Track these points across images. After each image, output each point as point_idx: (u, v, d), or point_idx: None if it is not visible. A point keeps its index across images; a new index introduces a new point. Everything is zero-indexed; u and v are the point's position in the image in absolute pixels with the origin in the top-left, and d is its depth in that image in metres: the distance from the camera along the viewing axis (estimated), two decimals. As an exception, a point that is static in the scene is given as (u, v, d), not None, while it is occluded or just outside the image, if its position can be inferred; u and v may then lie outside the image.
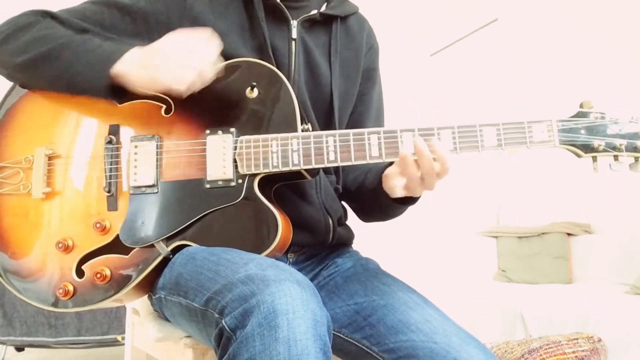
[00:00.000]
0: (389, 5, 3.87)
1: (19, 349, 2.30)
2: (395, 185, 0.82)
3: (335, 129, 0.96)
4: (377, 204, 0.94)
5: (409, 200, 0.89)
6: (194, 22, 0.89)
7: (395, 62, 4.33)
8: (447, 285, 2.72)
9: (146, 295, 0.92)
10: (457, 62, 4.20)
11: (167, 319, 0.89)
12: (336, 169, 1.01)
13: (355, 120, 1.04)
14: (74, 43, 0.84)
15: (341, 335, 0.86)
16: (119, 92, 0.85)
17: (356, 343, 0.83)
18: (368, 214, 1.03)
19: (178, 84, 0.80)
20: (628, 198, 2.70)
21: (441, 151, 0.76)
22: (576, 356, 1.72)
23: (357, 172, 1.01)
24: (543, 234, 2.87)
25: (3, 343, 2.06)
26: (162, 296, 0.82)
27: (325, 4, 0.99)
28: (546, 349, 1.74)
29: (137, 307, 1.05)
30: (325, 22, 0.98)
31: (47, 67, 0.84)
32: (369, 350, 0.82)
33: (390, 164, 0.87)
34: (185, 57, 0.80)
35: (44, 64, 0.84)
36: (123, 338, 2.03)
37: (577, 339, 1.78)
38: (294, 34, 0.94)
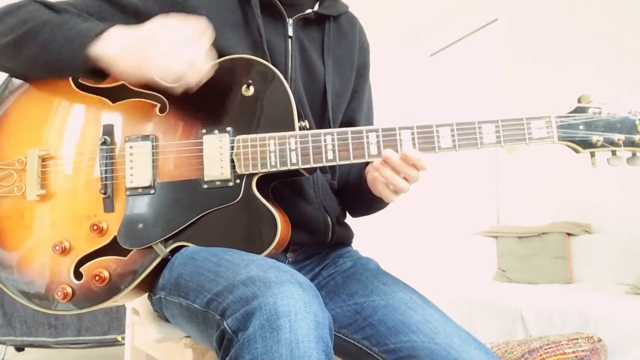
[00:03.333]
0: (389, 6, 3.86)
1: (19, 349, 2.30)
2: (382, 192, 0.82)
3: (329, 126, 0.96)
4: (361, 198, 0.94)
5: None
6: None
7: (395, 62, 4.33)
8: (447, 285, 2.72)
9: (146, 296, 0.92)
10: (457, 62, 4.20)
11: (167, 320, 0.89)
12: (332, 167, 1.01)
13: (349, 116, 1.04)
14: (53, 22, 0.81)
15: (341, 336, 0.85)
16: (101, 73, 0.81)
17: (356, 343, 0.83)
18: (354, 208, 1.04)
19: (164, 77, 0.77)
20: (628, 198, 2.70)
21: (409, 153, 0.77)
22: (576, 356, 1.72)
23: (342, 167, 1.02)
24: (543, 234, 2.87)
25: (3, 343, 2.06)
26: (162, 297, 0.81)
27: (318, 3, 0.99)
28: (546, 349, 1.74)
29: (137, 307, 1.05)
30: (318, 20, 0.98)
31: (26, 48, 0.82)
32: (369, 351, 0.82)
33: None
34: (175, 48, 0.76)
35: (23, 44, 0.82)
36: (123, 338, 2.03)
37: (577, 339, 1.78)
38: (290, 32, 0.94)
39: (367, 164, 0.89)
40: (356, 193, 0.95)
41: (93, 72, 0.81)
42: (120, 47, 0.78)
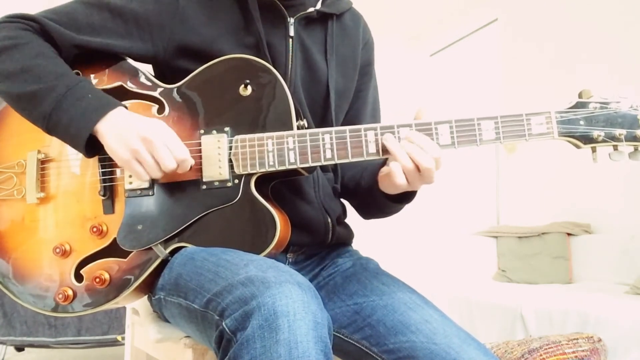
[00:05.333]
0: (389, 6, 3.86)
1: (19, 349, 2.30)
2: (396, 180, 0.78)
3: (331, 126, 0.96)
4: (374, 202, 0.94)
5: (405, 199, 0.89)
6: (186, 22, 0.88)
7: (395, 62, 4.33)
8: (447, 285, 2.72)
9: (146, 296, 0.92)
10: (457, 62, 4.20)
11: (166, 320, 0.89)
12: (334, 167, 1.01)
13: (352, 116, 1.04)
14: (59, 88, 0.79)
15: (341, 336, 0.85)
16: (96, 145, 0.81)
17: (356, 343, 0.83)
18: (366, 211, 1.03)
19: (137, 178, 0.80)
20: (628, 198, 2.70)
21: (422, 141, 0.77)
22: (576, 356, 1.72)
23: (354, 169, 1.01)
24: (543, 234, 2.87)
25: (3, 343, 2.06)
26: (162, 297, 0.81)
27: (320, 1, 0.98)
28: (546, 349, 1.74)
29: (137, 308, 1.05)
30: (320, 19, 0.97)
31: (28, 106, 0.81)
32: (368, 351, 0.81)
33: (385, 162, 0.87)
34: (150, 166, 0.78)
35: (25, 102, 0.81)
36: (123, 338, 2.03)
37: (577, 339, 1.78)
38: (291, 32, 0.93)
39: (381, 165, 0.89)
40: (369, 195, 0.94)
41: (92, 147, 0.81)
42: (113, 135, 0.78)
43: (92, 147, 0.80)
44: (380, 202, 0.91)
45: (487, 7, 3.74)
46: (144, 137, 0.77)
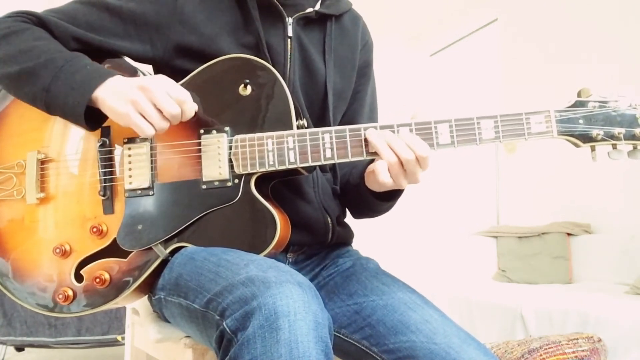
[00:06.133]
0: (389, 6, 3.86)
1: (19, 349, 2.30)
2: (379, 177, 0.78)
3: (330, 127, 0.96)
4: (361, 199, 0.94)
5: (391, 197, 0.89)
6: (184, 23, 0.88)
7: (395, 62, 4.33)
8: (447, 285, 2.72)
9: (146, 296, 0.92)
10: (457, 62, 4.20)
11: (166, 320, 0.89)
12: (333, 168, 1.01)
13: (350, 117, 1.04)
14: (57, 61, 0.80)
15: (341, 336, 0.85)
16: (98, 119, 0.81)
17: (356, 343, 0.83)
18: (355, 210, 1.03)
19: (141, 132, 0.78)
20: (628, 198, 2.70)
21: (409, 138, 0.76)
22: (576, 356, 1.72)
23: (344, 168, 1.01)
24: (543, 234, 2.87)
25: (3, 343, 2.06)
26: (162, 297, 0.81)
27: (319, 2, 0.98)
28: (546, 349, 1.74)
29: (137, 308, 1.05)
30: (319, 20, 0.97)
31: (27, 84, 0.80)
32: (368, 351, 0.81)
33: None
34: (152, 115, 0.77)
35: (24, 80, 0.81)
36: (123, 338, 2.03)
37: (577, 339, 1.78)
38: (290, 32, 0.93)
39: (369, 163, 0.89)
40: (356, 192, 0.95)
41: (93, 119, 0.81)
42: (114, 94, 0.78)
43: (93, 120, 0.80)
44: (366, 200, 0.92)
45: (487, 7, 3.75)
46: (141, 85, 0.76)
